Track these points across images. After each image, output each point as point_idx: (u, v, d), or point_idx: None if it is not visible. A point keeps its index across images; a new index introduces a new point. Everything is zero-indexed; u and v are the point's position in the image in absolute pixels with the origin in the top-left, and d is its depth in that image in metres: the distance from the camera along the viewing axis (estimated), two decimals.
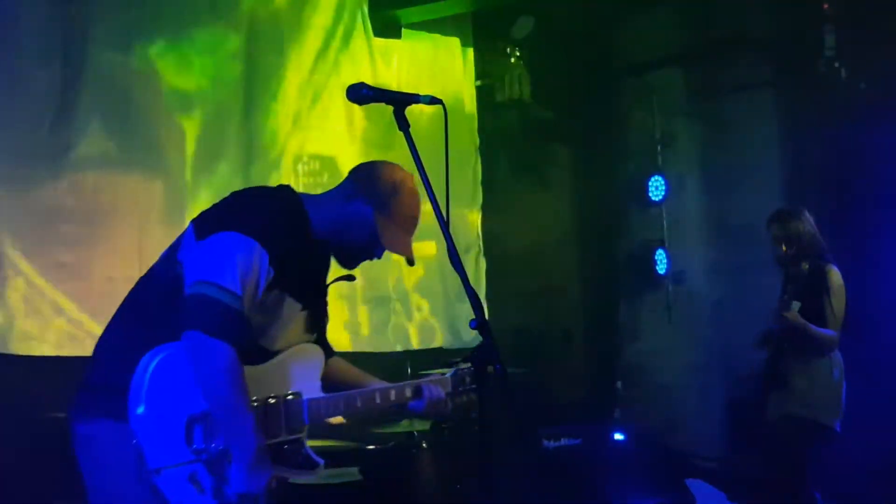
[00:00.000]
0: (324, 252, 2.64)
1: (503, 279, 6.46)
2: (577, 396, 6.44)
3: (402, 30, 6.07)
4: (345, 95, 2.43)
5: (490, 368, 2.25)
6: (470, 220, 6.45)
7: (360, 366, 4.48)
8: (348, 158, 5.65)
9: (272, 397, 2.49)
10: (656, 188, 6.50)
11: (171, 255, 2.52)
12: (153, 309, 2.46)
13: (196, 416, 2.36)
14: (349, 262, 2.68)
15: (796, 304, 4.34)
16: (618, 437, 5.68)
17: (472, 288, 2.27)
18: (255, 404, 2.46)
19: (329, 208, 2.60)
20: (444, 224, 2.27)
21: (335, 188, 2.65)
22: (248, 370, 2.41)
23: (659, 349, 6.46)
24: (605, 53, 6.74)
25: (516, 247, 6.55)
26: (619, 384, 6.39)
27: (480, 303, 2.26)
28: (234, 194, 2.61)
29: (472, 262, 6.36)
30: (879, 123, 5.51)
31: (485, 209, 6.51)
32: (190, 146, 4.95)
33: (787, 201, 5.86)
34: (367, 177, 2.63)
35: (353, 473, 4.04)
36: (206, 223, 2.46)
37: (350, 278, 2.77)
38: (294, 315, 2.58)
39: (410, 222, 2.63)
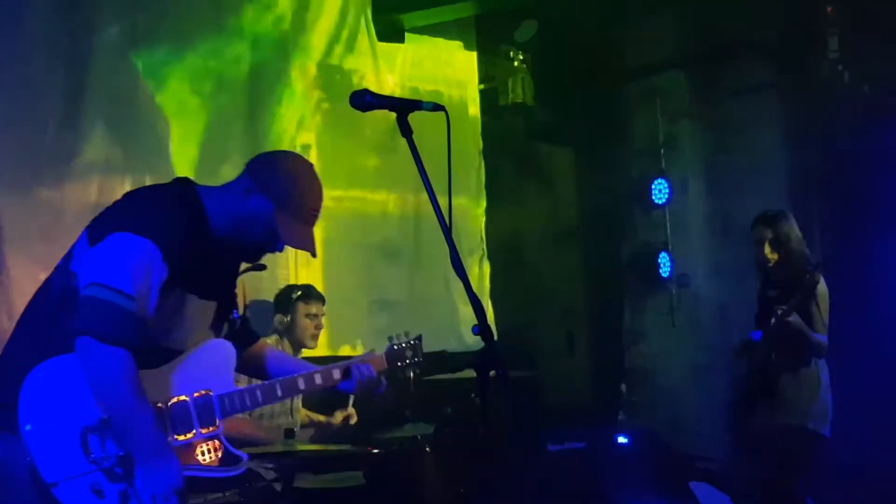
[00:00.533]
0: (226, 246, 2.59)
1: (507, 282, 6.47)
2: (580, 399, 6.45)
3: (406, 34, 6.09)
4: (348, 102, 2.44)
5: (493, 373, 2.25)
6: (473, 224, 6.46)
7: None
8: (352, 162, 5.69)
9: (181, 396, 2.49)
10: (660, 191, 6.50)
11: (65, 265, 2.49)
12: (45, 321, 2.45)
13: (91, 427, 2.34)
14: (250, 256, 2.65)
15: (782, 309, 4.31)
16: (622, 440, 5.67)
17: (474, 293, 2.27)
18: (161, 405, 2.45)
19: (227, 203, 2.56)
20: (447, 230, 2.28)
21: (234, 181, 2.61)
22: (153, 372, 2.41)
23: (663, 352, 6.46)
24: (608, 57, 6.75)
25: (520, 250, 6.56)
26: (623, 387, 6.40)
27: (483, 308, 2.26)
28: (127, 195, 2.60)
29: (475, 265, 6.37)
30: (883, 127, 5.52)
31: (488, 212, 6.52)
32: (194, 151, 4.97)
33: (791, 204, 5.85)
34: (264, 170, 2.60)
35: (356, 477, 4.05)
36: (98, 227, 2.44)
37: (260, 268, 2.72)
38: (200, 312, 2.56)
39: (311, 215, 2.60)
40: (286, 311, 4.49)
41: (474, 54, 6.60)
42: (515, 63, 6.45)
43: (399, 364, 2.94)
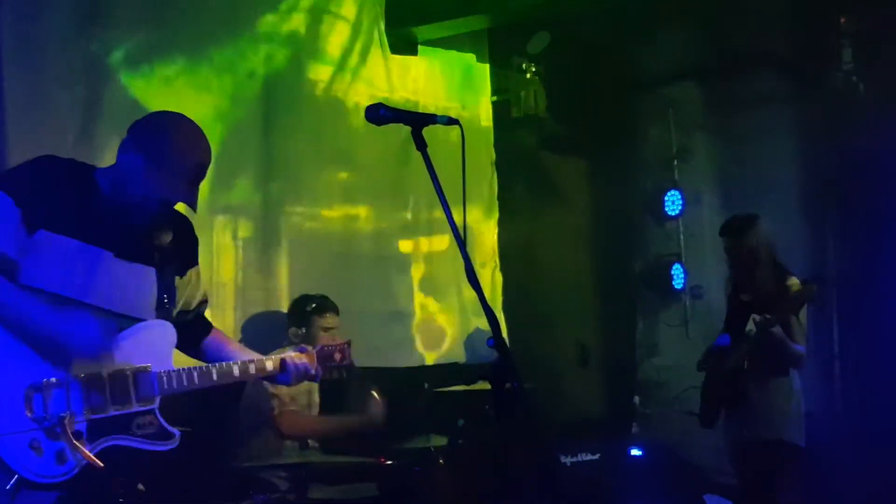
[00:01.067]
0: (122, 206, 2.64)
1: (519, 294, 6.47)
2: (594, 412, 6.43)
3: (419, 47, 6.12)
4: (363, 115, 2.47)
5: (507, 386, 2.26)
6: (486, 236, 6.47)
7: (376, 380, 4.52)
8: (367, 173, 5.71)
9: (122, 368, 2.57)
10: (673, 203, 6.50)
11: None
12: None
13: (36, 385, 2.42)
14: (138, 217, 2.66)
15: (758, 318, 4.27)
16: (635, 452, 5.65)
17: (488, 305, 2.29)
18: (101, 374, 2.53)
19: (112, 167, 2.68)
20: (462, 243, 2.30)
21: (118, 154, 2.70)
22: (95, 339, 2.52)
23: (676, 364, 6.43)
24: (621, 68, 6.75)
25: (532, 262, 6.56)
26: (636, 399, 6.38)
27: (497, 321, 2.28)
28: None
29: (488, 277, 6.37)
30: None
31: (501, 224, 6.52)
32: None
33: (805, 216, 5.86)
34: (137, 128, 2.69)
35: (370, 489, 4.06)
36: None
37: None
38: (133, 275, 2.64)
39: (188, 169, 2.65)
40: (301, 324, 4.48)
41: (487, 66, 6.62)
42: (528, 75, 6.47)
43: (329, 364, 3.05)
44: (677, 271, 6.50)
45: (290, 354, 2.96)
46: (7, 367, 2.42)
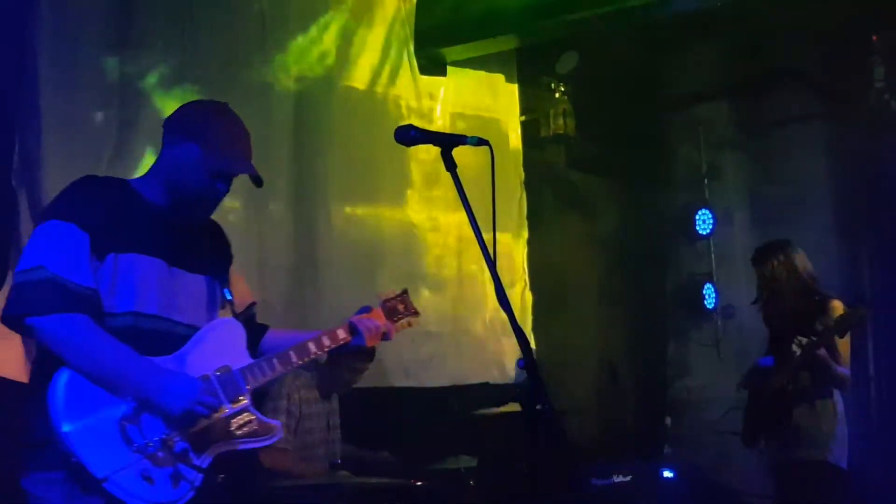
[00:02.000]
0: (172, 209, 2.60)
1: (549, 313, 6.44)
2: (625, 433, 6.37)
3: (448, 67, 6.14)
4: (392, 137, 2.48)
5: (538, 407, 2.24)
6: (516, 255, 6.46)
7: (406, 400, 4.51)
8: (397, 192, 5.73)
9: (202, 376, 2.50)
10: (704, 222, 6.46)
11: None
12: None
13: (127, 417, 2.37)
14: (200, 212, 2.64)
15: (803, 340, 4.28)
16: (667, 474, 5.59)
17: (519, 327, 2.28)
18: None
19: (156, 172, 2.62)
20: (492, 263, 2.29)
21: (158, 157, 2.66)
22: (169, 359, 2.46)
23: (708, 384, 6.37)
24: (650, 87, 6.74)
25: (562, 281, 6.54)
26: (668, 420, 6.32)
27: (528, 342, 2.27)
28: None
29: (518, 296, 6.36)
30: None
31: (530, 243, 6.51)
32: (242, 186, 5.03)
33: (837, 235, 5.79)
34: (176, 119, 2.64)
35: None
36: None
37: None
38: (188, 286, 2.58)
39: (238, 141, 2.63)
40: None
41: (516, 86, 6.63)
42: (557, 95, 6.48)
43: (396, 318, 2.95)
44: (709, 291, 6.45)
45: (358, 317, 2.86)
46: (91, 405, 2.35)
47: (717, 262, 6.46)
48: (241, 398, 2.55)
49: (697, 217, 6.45)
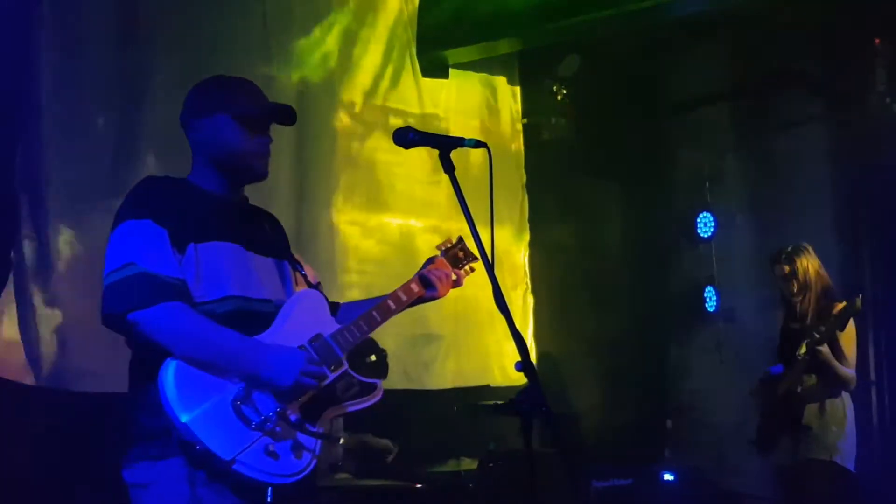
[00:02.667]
0: (225, 186, 2.60)
1: (550, 316, 6.44)
2: (626, 435, 6.37)
3: (450, 69, 6.15)
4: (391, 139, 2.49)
5: (536, 410, 2.25)
6: (517, 258, 6.47)
7: (406, 402, 4.50)
8: (398, 194, 5.74)
9: (300, 347, 2.51)
10: (705, 225, 6.46)
11: None
12: None
13: (239, 397, 2.38)
14: (256, 168, 2.62)
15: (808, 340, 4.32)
16: (668, 477, 5.60)
17: (517, 329, 2.28)
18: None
19: (198, 163, 2.60)
20: (490, 265, 2.30)
21: (192, 152, 2.63)
22: (260, 338, 2.46)
23: (709, 387, 6.37)
24: (651, 90, 6.74)
25: (564, 284, 6.54)
26: (668, 423, 6.31)
27: (525, 345, 2.27)
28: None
29: (519, 299, 6.36)
30: None
31: (532, 246, 6.52)
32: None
33: (839, 238, 5.79)
34: (189, 106, 2.63)
35: None
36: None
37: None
38: (262, 268, 2.59)
39: (254, 90, 2.63)
40: None
41: (518, 89, 6.64)
42: (559, 98, 6.48)
43: (460, 265, 2.96)
44: (710, 294, 6.44)
45: (426, 269, 2.87)
46: (202, 392, 2.35)
47: (719, 265, 6.46)
48: (339, 364, 2.56)
49: (699, 220, 6.45)
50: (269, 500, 2.36)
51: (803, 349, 4.36)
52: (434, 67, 6.04)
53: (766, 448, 4.63)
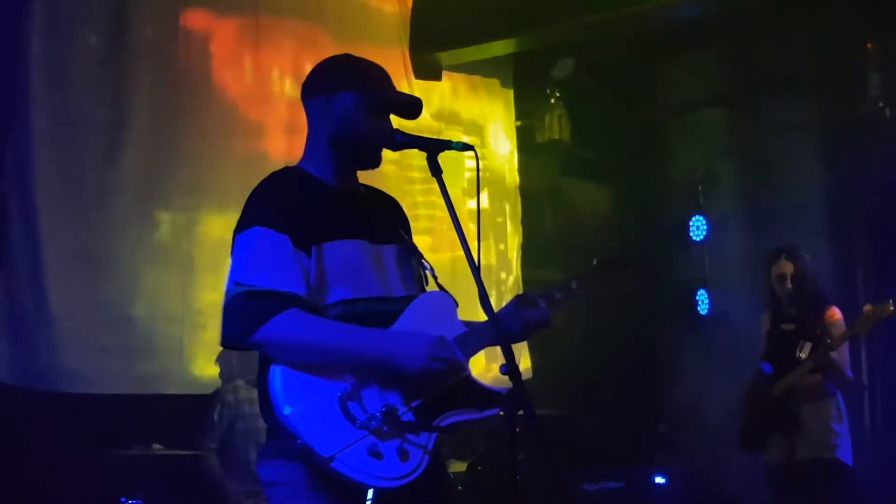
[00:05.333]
0: (344, 175, 2.51)
1: None
2: (618, 438, 6.36)
3: (443, 72, 6.14)
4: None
5: (520, 413, 2.24)
6: (510, 259, 6.46)
7: None
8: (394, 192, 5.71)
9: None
10: (698, 228, 6.46)
11: None
12: None
13: (346, 394, 2.29)
14: (369, 160, 2.51)
15: (808, 345, 4.38)
16: (659, 480, 5.59)
17: (503, 332, 2.28)
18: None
19: (313, 146, 2.51)
20: (476, 269, 2.28)
21: (309, 128, 2.54)
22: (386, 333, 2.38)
23: (701, 391, 6.37)
24: (646, 93, 6.75)
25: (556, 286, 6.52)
26: (661, 426, 6.31)
27: (511, 347, 2.26)
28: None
29: None
30: None
31: (524, 249, 6.51)
32: (239, 184, 5.03)
33: (831, 242, 5.79)
34: (315, 81, 2.53)
35: None
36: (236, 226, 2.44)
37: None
38: (376, 256, 2.49)
39: (383, 74, 2.52)
40: None
41: (511, 91, 6.64)
42: (552, 100, 6.48)
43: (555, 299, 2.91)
44: (702, 297, 6.45)
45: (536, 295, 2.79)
46: (308, 387, 2.28)
47: (711, 268, 6.46)
48: (462, 367, 2.44)
49: (692, 223, 6.46)
50: (369, 501, 2.22)
51: (805, 351, 4.39)
52: (427, 70, 6.02)
53: (756, 447, 4.65)
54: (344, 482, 2.22)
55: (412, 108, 2.53)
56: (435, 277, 2.62)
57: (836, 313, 4.49)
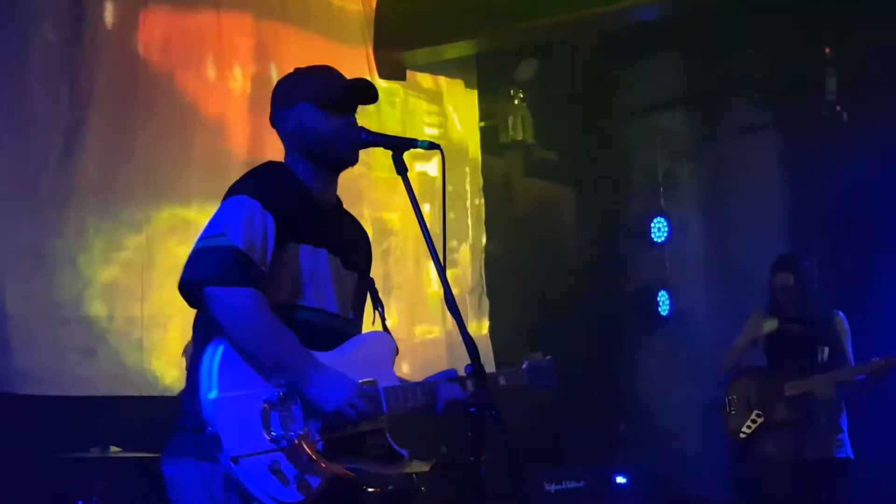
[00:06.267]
0: (321, 182, 2.51)
1: (507, 319, 6.45)
2: (579, 438, 6.40)
3: (407, 71, 6.13)
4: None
5: (486, 413, 2.24)
6: (473, 260, 6.46)
7: None
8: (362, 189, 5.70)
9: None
10: (659, 229, 6.52)
11: None
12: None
13: (273, 402, 2.25)
14: (342, 160, 2.50)
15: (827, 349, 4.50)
16: (620, 479, 5.63)
17: (467, 332, 2.27)
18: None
19: (291, 152, 2.51)
20: (441, 269, 2.27)
21: (285, 151, 2.54)
22: (322, 355, 2.35)
23: (662, 390, 6.43)
24: (608, 95, 6.80)
25: (520, 287, 6.55)
26: (622, 426, 6.35)
27: (476, 348, 2.25)
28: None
29: (475, 302, 6.35)
30: (880, 166, 5.54)
31: (488, 249, 6.52)
32: (198, 183, 4.97)
33: (790, 243, 5.88)
34: (274, 101, 2.54)
35: None
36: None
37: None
38: (345, 281, 2.50)
39: (337, 76, 2.54)
40: None
41: (475, 92, 6.64)
42: (516, 101, 6.49)
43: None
44: (663, 298, 6.50)
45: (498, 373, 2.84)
46: (241, 379, 2.24)
47: (672, 269, 6.53)
48: (378, 419, 2.41)
49: (653, 224, 6.51)
50: None
51: (825, 355, 4.50)
52: (392, 70, 6.01)
53: (754, 441, 4.66)
54: (237, 487, 2.19)
55: (365, 91, 2.54)
56: (383, 319, 2.61)
57: (842, 319, 4.62)
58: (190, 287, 2.27)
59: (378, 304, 2.62)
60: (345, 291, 2.49)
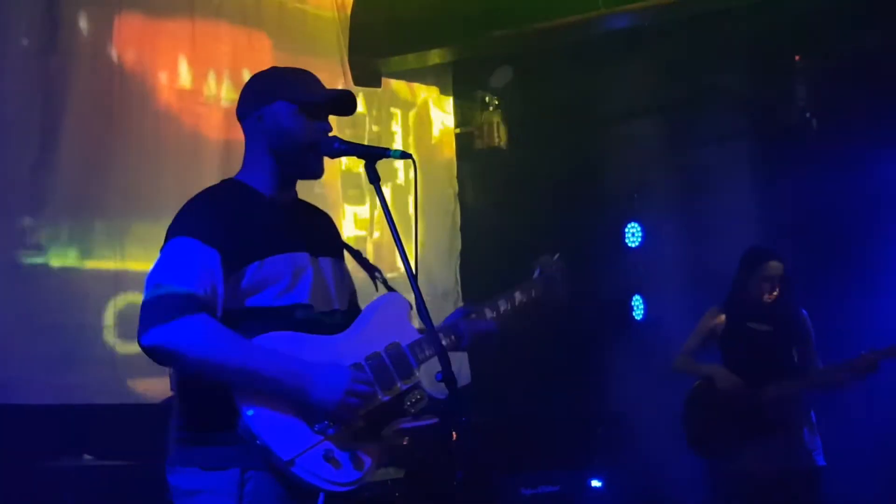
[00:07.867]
0: (284, 191, 2.50)
1: None
2: (554, 442, 6.42)
3: (382, 79, 6.15)
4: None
5: (457, 420, 2.27)
6: (449, 266, 6.48)
7: None
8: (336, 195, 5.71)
9: (371, 355, 2.42)
10: (633, 235, 6.57)
11: None
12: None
13: None
14: (309, 169, 2.50)
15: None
16: (596, 483, 5.66)
17: (439, 339, 2.29)
18: (360, 364, 2.39)
19: (251, 158, 2.48)
20: (413, 277, 2.29)
21: (246, 141, 2.50)
22: (339, 337, 2.40)
23: (637, 395, 6.46)
24: (582, 102, 6.83)
25: (494, 293, 6.56)
26: (597, 430, 6.39)
27: (447, 355, 2.28)
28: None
29: (450, 308, 6.37)
30: (850, 173, 5.61)
31: (463, 255, 6.54)
32: (173, 189, 4.96)
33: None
34: (248, 98, 2.52)
35: None
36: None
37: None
38: (338, 272, 2.52)
39: (312, 78, 2.54)
40: None
41: (450, 99, 6.67)
42: (491, 108, 6.53)
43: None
44: (637, 303, 6.55)
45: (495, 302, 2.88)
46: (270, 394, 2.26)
47: (646, 274, 6.57)
48: (412, 377, 2.46)
49: (627, 230, 6.56)
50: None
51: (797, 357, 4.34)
52: (367, 76, 6.02)
53: (726, 454, 4.46)
54: (299, 485, 2.25)
55: (345, 102, 2.53)
56: (385, 281, 2.63)
57: (807, 318, 4.47)
58: (148, 353, 2.24)
59: (374, 270, 2.65)
60: (326, 281, 2.49)
